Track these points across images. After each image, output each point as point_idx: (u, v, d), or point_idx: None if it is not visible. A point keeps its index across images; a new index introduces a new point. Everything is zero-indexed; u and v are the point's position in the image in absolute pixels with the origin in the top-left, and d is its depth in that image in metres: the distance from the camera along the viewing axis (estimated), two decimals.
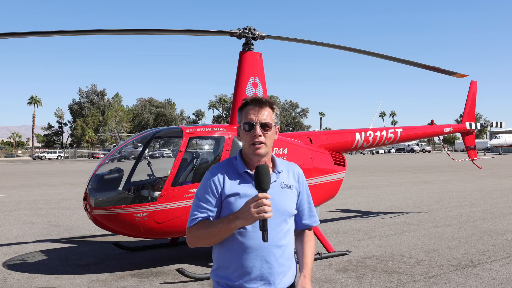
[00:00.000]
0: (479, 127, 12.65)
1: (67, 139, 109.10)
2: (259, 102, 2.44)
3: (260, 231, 2.23)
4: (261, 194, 2.18)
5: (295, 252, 2.56)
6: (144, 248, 8.40)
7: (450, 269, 6.78)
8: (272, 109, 2.47)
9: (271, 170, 2.46)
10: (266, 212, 2.16)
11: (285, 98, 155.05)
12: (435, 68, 9.65)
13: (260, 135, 2.38)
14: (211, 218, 2.36)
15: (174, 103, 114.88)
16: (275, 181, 2.43)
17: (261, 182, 2.21)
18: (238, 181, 2.40)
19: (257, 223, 2.24)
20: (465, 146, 12.69)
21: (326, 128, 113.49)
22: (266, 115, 2.42)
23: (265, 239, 2.20)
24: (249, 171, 2.41)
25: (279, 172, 2.47)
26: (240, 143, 2.53)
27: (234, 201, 2.33)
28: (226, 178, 2.39)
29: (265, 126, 2.40)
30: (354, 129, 9.60)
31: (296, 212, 2.52)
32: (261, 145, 2.38)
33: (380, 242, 8.72)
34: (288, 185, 2.48)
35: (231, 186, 2.38)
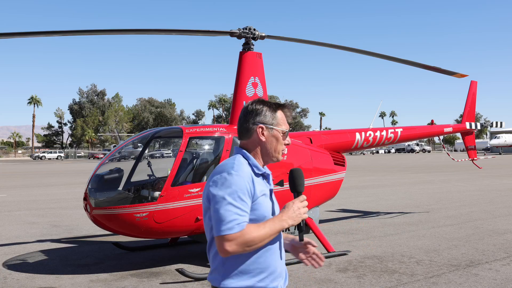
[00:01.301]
0: (479, 127, 12.65)
1: (67, 139, 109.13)
2: (291, 110, 2.48)
3: (297, 231, 2.39)
4: (303, 196, 2.33)
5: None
6: (144, 248, 8.40)
7: (450, 269, 6.79)
8: None
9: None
10: (306, 213, 2.32)
11: (285, 98, 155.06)
12: (435, 68, 9.65)
13: (289, 143, 2.45)
14: (248, 222, 2.22)
15: (174, 103, 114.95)
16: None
17: (298, 185, 2.36)
18: (260, 181, 2.34)
19: None
20: (465, 146, 12.69)
21: (326, 128, 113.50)
22: None
23: (302, 238, 2.35)
24: (265, 172, 2.40)
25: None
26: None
27: (263, 202, 2.30)
28: (253, 178, 2.29)
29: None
30: (354, 129, 9.60)
31: None
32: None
33: (380, 242, 8.72)
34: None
35: (258, 187, 2.30)
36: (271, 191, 2.42)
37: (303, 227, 2.34)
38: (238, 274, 2.24)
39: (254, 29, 7.53)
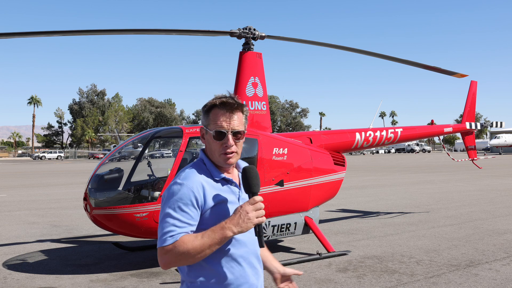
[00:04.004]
0: (479, 127, 12.65)
1: (67, 139, 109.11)
2: (230, 106, 2.18)
3: (248, 236, 2.12)
4: (257, 198, 2.06)
5: None
6: (144, 248, 8.40)
7: (450, 269, 6.79)
8: (243, 112, 2.25)
9: (238, 173, 2.34)
10: (262, 216, 2.06)
11: (285, 98, 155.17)
12: (435, 68, 9.65)
13: (232, 145, 2.18)
14: (191, 233, 2.10)
15: (174, 103, 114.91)
16: None
17: (252, 185, 2.11)
18: (218, 187, 2.20)
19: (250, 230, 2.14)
20: (465, 146, 12.69)
21: (326, 128, 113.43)
22: (238, 121, 2.21)
23: (262, 244, 2.09)
24: (226, 177, 2.23)
25: None
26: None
27: (219, 210, 2.15)
28: (205, 186, 2.15)
29: (237, 134, 2.20)
30: (354, 129, 9.60)
31: None
32: (233, 154, 2.20)
33: (380, 242, 8.72)
34: None
35: (212, 194, 2.16)
36: (239, 196, 2.25)
37: (260, 231, 2.09)
38: (201, 286, 2.14)
39: (254, 29, 7.52)
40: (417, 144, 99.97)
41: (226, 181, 2.24)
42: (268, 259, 2.44)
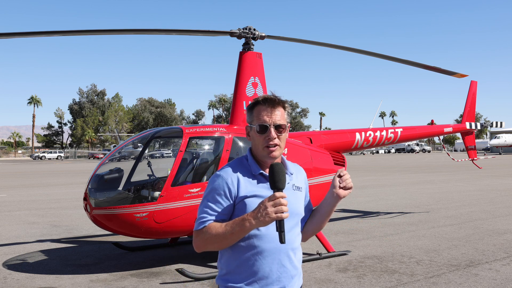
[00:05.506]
0: (479, 127, 12.65)
1: (67, 139, 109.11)
2: (272, 102, 2.33)
3: (277, 233, 2.13)
4: (278, 194, 2.08)
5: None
6: (144, 248, 8.40)
7: (450, 269, 6.79)
8: (285, 108, 2.38)
9: None
10: (283, 212, 2.06)
11: (285, 98, 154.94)
12: (435, 68, 9.65)
13: (274, 138, 2.30)
14: (221, 221, 2.25)
15: (174, 103, 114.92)
16: (288, 182, 2.36)
17: (276, 181, 2.12)
18: (254, 182, 2.31)
19: (272, 224, 2.16)
20: (465, 146, 12.71)
21: (326, 128, 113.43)
22: (280, 115, 2.33)
23: (282, 240, 2.10)
24: (264, 172, 2.33)
25: (291, 174, 2.41)
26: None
27: (250, 203, 2.24)
28: (241, 179, 2.28)
29: (279, 128, 2.31)
30: (354, 129, 9.60)
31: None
32: (276, 147, 2.30)
33: (380, 242, 8.72)
34: (298, 187, 2.43)
35: (247, 187, 2.28)
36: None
37: (280, 227, 2.10)
38: (228, 274, 2.31)
39: (254, 29, 7.52)
40: (417, 144, 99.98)
41: (263, 177, 2.33)
42: (322, 207, 2.52)
